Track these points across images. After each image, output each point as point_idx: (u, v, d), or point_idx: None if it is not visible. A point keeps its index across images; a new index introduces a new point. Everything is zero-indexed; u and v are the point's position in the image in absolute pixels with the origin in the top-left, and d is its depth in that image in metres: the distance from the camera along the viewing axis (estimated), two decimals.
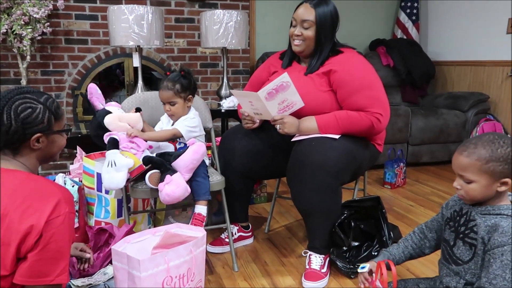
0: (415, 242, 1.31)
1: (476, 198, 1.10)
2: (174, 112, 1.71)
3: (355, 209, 1.77)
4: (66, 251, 1.01)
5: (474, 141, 1.08)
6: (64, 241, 1.00)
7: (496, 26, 3.63)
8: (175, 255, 1.27)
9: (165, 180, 1.52)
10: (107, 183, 1.51)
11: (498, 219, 1.06)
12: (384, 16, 4.44)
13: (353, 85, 1.64)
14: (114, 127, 1.61)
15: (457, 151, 1.10)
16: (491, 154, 1.04)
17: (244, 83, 3.84)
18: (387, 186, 2.98)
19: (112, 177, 1.50)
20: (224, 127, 2.97)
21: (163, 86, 1.68)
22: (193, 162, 1.58)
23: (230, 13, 2.62)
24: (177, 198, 1.53)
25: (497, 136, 1.06)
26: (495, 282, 1.02)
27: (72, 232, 1.05)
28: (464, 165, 1.07)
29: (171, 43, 3.57)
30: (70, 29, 3.27)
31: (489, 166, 1.04)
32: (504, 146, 1.04)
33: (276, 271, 1.80)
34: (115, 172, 1.50)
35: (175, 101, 1.69)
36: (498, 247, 1.03)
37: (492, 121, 3.49)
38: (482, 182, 1.06)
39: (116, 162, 1.50)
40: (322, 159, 1.57)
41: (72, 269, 1.51)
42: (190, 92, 1.72)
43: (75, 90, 3.36)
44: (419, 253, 1.31)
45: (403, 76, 3.98)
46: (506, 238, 1.02)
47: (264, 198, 2.67)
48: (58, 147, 1.16)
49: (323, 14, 1.68)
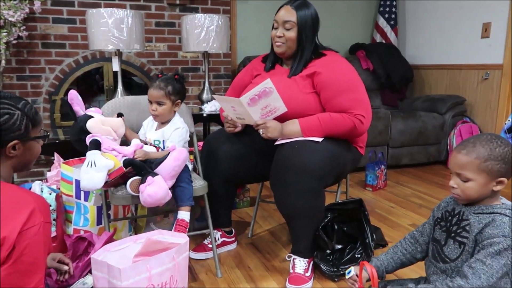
0: (405, 247, 1.32)
1: (472, 197, 1.11)
2: (160, 113, 1.68)
3: (338, 212, 1.78)
4: (41, 262, 0.97)
5: (472, 140, 1.10)
6: (39, 252, 0.96)
7: (471, 31, 3.73)
8: (157, 262, 1.24)
9: (147, 182, 1.49)
10: (85, 183, 1.48)
11: (492, 217, 1.08)
12: (363, 20, 4.51)
13: (336, 87, 1.65)
14: (97, 131, 1.59)
15: (455, 150, 1.12)
16: (490, 153, 1.06)
17: (225, 87, 3.83)
18: (369, 189, 3.01)
19: (91, 177, 1.47)
20: (206, 131, 2.95)
21: (155, 85, 1.67)
22: (175, 169, 1.56)
23: (211, 17, 2.62)
24: (159, 199, 1.50)
25: (494, 136, 1.09)
26: (474, 265, 1.04)
27: (48, 242, 1.01)
28: (463, 163, 1.09)
29: (151, 47, 3.53)
30: (47, 33, 3.20)
31: (487, 165, 1.06)
32: (502, 146, 1.06)
33: (260, 276, 1.79)
34: (95, 173, 1.47)
35: (163, 102, 1.67)
36: (487, 239, 1.05)
37: (469, 123, 3.58)
38: (479, 181, 1.08)
39: (96, 162, 1.47)
40: (305, 162, 1.57)
41: (49, 280, 1.46)
42: (179, 97, 1.71)
43: (52, 95, 3.28)
44: (410, 259, 1.31)
45: (382, 79, 4.05)
46: (497, 230, 1.04)
47: (247, 202, 2.66)
48: (34, 154, 1.12)
49: (304, 15, 1.69)
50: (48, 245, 1.01)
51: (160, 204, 1.53)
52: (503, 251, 1.02)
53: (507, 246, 1.02)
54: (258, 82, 1.64)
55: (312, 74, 1.70)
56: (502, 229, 1.04)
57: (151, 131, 1.76)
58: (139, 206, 2.10)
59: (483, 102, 3.65)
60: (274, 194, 1.70)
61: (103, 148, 1.55)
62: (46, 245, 0.99)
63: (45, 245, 0.98)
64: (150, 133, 1.75)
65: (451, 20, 3.92)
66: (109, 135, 1.62)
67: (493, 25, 3.52)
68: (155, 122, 1.76)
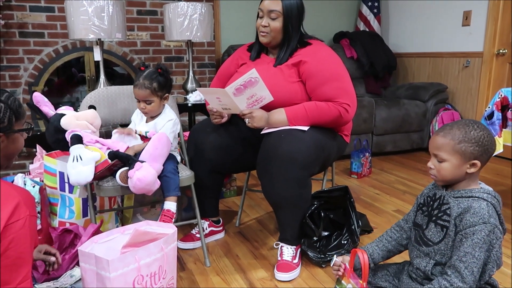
0: (390, 235, 1.35)
1: (447, 177, 1.15)
2: (149, 110, 1.66)
3: (324, 199, 1.80)
4: (27, 256, 0.96)
5: (451, 124, 1.15)
6: (25, 246, 0.94)
7: (452, 19, 3.78)
8: (145, 253, 1.24)
9: (135, 167, 1.48)
10: (75, 179, 1.46)
11: (470, 201, 1.12)
12: (346, 9, 4.51)
13: (322, 76, 1.66)
14: (73, 127, 1.56)
15: (435, 133, 1.17)
16: (464, 135, 1.11)
17: (210, 77, 3.80)
18: (354, 176, 3.05)
19: (80, 172, 1.45)
20: (192, 121, 2.93)
21: (140, 84, 1.62)
22: (157, 148, 1.54)
23: (194, 5, 2.58)
24: (148, 184, 1.48)
25: (472, 122, 1.13)
26: (465, 260, 1.07)
27: (34, 236, 1.00)
28: (439, 144, 1.14)
29: (133, 36, 3.47)
30: (25, 22, 3.10)
31: (461, 146, 1.10)
32: (477, 130, 1.11)
33: (249, 264, 1.80)
34: (82, 166, 1.45)
35: (151, 100, 1.64)
36: (469, 227, 1.08)
37: (450, 110, 3.65)
38: (453, 162, 1.12)
39: (82, 156, 1.45)
40: (292, 151, 1.58)
41: (36, 273, 1.44)
42: (166, 91, 1.68)
43: (32, 86, 3.20)
44: (396, 246, 1.35)
45: (366, 68, 4.07)
46: (477, 218, 1.08)
47: (234, 192, 2.67)
48: (18, 147, 1.10)
49: (289, 4, 1.68)
50: (34, 238, 0.99)
51: (149, 190, 1.52)
52: (486, 237, 1.06)
53: (488, 232, 1.06)
54: (244, 71, 1.64)
55: (297, 63, 1.70)
56: (482, 216, 1.07)
57: (141, 123, 1.73)
58: (125, 197, 2.08)
59: (464, 89, 3.72)
60: (261, 183, 1.70)
61: (85, 142, 1.53)
62: (32, 238, 0.97)
63: (31, 239, 0.97)
64: (140, 125, 1.73)
65: (432, 9, 3.96)
66: (86, 129, 1.60)
67: (474, 13, 3.57)
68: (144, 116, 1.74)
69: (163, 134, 1.60)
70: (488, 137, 1.11)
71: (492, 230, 1.06)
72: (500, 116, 2.08)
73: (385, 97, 4.08)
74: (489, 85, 3.52)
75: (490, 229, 1.06)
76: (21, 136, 1.11)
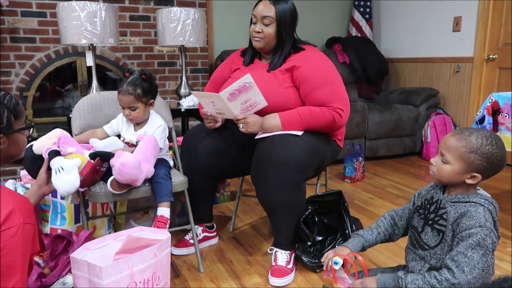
0: (387, 228, 1.35)
1: (443, 179, 1.15)
2: (134, 117, 1.65)
3: (318, 204, 1.80)
4: (18, 265, 0.93)
5: (472, 130, 1.11)
6: (16, 254, 0.92)
7: (442, 25, 3.82)
8: (139, 259, 1.23)
9: (116, 155, 1.45)
10: (62, 189, 1.42)
11: (467, 206, 1.11)
12: (339, 14, 4.55)
13: (316, 81, 1.66)
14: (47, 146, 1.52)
15: (451, 133, 1.14)
16: (478, 147, 1.08)
17: (203, 82, 3.80)
18: (347, 180, 3.06)
19: (65, 181, 1.41)
20: (185, 126, 2.92)
21: (123, 91, 1.61)
22: (148, 148, 1.53)
23: (187, 10, 2.58)
24: (132, 167, 1.44)
25: (493, 136, 1.10)
26: (456, 259, 1.07)
27: (28, 244, 0.97)
28: (450, 146, 1.11)
29: (126, 42, 3.46)
30: (16, 27, 3.08)
31: (470, 156, 1.09)
32: (494, 146, 1.08)
33: (243, 270, 1.80)
34: (66, 176, 1.41)
35: (136, 106, 1.63)
36: (465, 230, 1.08)
37: (442, 114, 3.68)
38: (455, 167, 1.11)
39: (62, 166, 1.42)
40: (286, 156, 1.58)
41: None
42: (151, 96, 1.67)
43: (23, 91, 3.17)
44: (388, 239, 1.36)
45: (359, 72, 4.10)
46: (473, 221, 1.07)
47: (228, 197, 2.66)
48: (20, 146, 1.08)
49: (282, 10, 1.69)
50: (28, 247, 0.97)
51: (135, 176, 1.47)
52: (481, 241, 1.06)
53: (484, 236, 1.06)
54: (238, 77, 1.64)
55: (291, 68, 1.70)
56: (478, 220, 1.07)
57: (129, 132, 1.71)
58: (118, 203, 2.07)
59: (455, 94, 3.76)
60: (255, 188, 1.70)
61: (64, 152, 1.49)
62: (25, 247, 0.95)
63: (24, 247, 0.94)
64: (128, 134, 1.71)
65: (423, 15, 4.00)
66: None
67: (464, 19, 3.62)
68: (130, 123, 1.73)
69: (152, 137, 1.59)
70: (500, 157, 1.09)
71: (488, 234, 1.06)
72: (491, 121, 2.10)
73: (377, 101, 4.11)
74: (480, 90, 3.56)
75: (486, 232, 1.06)
76: (22, 135, 1.09)
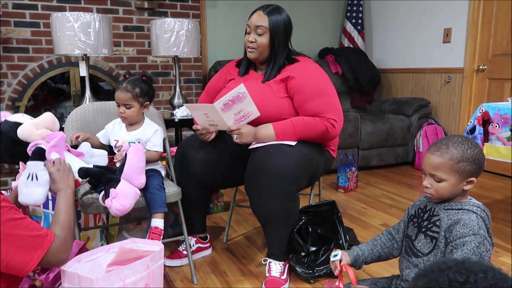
0: (384, 242, 1.35)
1: (444, 196, 1.16)
2: (128, 115, 1.64)
3: (312, 214, 1.80)
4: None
5: (445, 142, 1.14)
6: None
7: (433, 36, 3.88)
8: (131, 271, 1.21)
9: (111, 195, 1.42)
10: (23, 198, 1.31)
11: (460, 213, 1.13)
12: (331, 25, 4.60)
13: (309, 92, 1.68)
14: (35, 138, 1.37)
15: (429, 152, 1.16)
16: (462, 154, 1.11)
17: (197, 92, 3.81)
18: (341, 190, 3.07)
19: (30, 192, 1.30)
20: (178, 136, 2.92)
21: (122, 87, 1.62)
22: (140, 161, 1.52)
23: (181, 21, 2.60)
24: (128, 209, 1.46)
25: (465, 138, 1.14)
26: None
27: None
28: (437, 164, 1.13)
29: (120, 52, 3.46)
30: (9, 37, 3.08)
31: (460, 166, 1.11)
32: (473, 147, 1.12)
33: (236, 281, 1.78)
34: (35, 187, 1.31)
35: (131, 105, 1.63)
36: (459, 238, 1.08)
37: (433, 124, 3.72)
38: (451, 181, 1.13)
39: (38, 176, 1.31)
40: (280, 166, 1.58)
41: None
42: (148, 99, 1.68)
43: (15, 101, 3.15)
44: (387, 254, 1.35)
45: (351, 83, 4.14)
46: (467, 229, 1.08)
47: (221, 207, 2.65)
48: None
49: (276, 20, 1.71)
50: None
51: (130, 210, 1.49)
52: (476, 249, 1.06)
53: (478, 243, 1.07)
54: (232, 87, 1.65)
55: (285, 79, 1.72)
56: (471, 227, 1.08)
57: (121, 132, 1.70)
58: (110, 214, 2.05)
59: (446, 104, 3.81)
60: (249, 198, 1.70)
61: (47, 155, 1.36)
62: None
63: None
64: (121, 134, 1.69)
65: (414, 26, 4.07)
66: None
67: (454, 30, 3.68)
68: (123, 124, 1.71)
69: (139, 145, 1.57)
70: (481, 154, 1.12)
71: (482, 241, 1.07)
72: (482, 131, 2.13)
73: (370, 111, 4.14)
74: (470, 100, 3.61)
75: (480, 240, 1.07)
76: None
